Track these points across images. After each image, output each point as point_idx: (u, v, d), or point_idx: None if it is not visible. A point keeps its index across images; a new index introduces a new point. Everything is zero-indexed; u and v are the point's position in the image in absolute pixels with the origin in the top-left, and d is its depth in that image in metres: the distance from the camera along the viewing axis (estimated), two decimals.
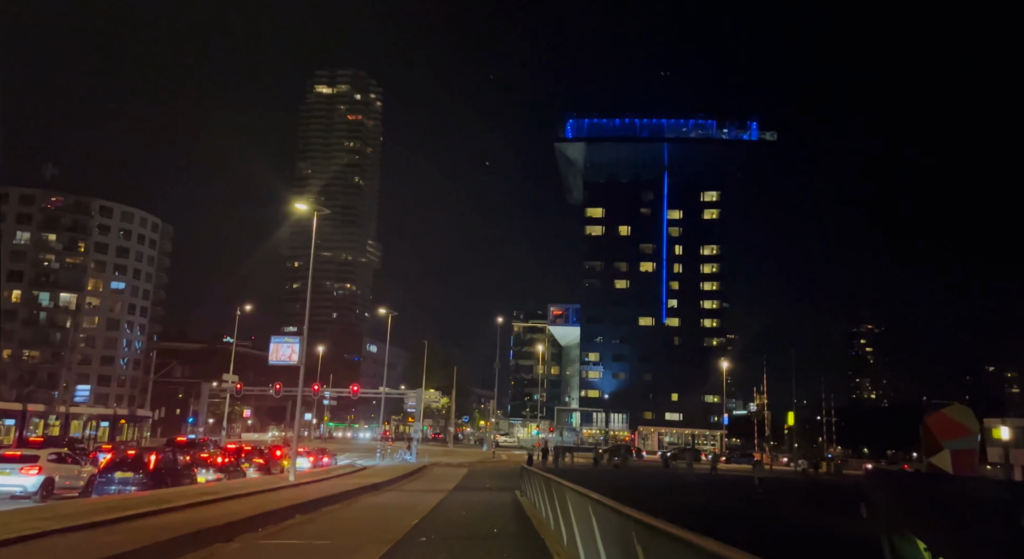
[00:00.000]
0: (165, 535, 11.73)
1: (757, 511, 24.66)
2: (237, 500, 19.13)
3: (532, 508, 19.57)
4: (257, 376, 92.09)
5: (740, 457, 73.80)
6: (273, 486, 24.14)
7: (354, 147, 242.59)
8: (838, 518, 20.49)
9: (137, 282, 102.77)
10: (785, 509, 26.52)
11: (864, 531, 14.60)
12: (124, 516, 13.74)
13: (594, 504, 6.51)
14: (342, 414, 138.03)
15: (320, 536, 14.19)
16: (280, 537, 13.82)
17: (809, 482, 48.99)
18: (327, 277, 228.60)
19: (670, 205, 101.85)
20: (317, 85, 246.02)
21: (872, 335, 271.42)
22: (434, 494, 25.73)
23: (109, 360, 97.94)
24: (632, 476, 38.34)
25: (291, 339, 32.00)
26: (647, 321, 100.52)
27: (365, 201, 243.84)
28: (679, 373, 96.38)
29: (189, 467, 23.00)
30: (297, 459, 39.75)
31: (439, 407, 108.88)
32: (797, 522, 22.09)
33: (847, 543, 16.77)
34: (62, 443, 31.63)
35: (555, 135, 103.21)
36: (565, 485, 9.18)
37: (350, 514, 18.76)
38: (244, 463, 29.77)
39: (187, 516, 14.75)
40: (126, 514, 13.96)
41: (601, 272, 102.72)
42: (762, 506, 27.33)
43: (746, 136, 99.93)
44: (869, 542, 9.02)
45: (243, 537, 13.37)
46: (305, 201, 31.33)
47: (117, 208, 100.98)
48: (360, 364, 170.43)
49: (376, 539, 13.47)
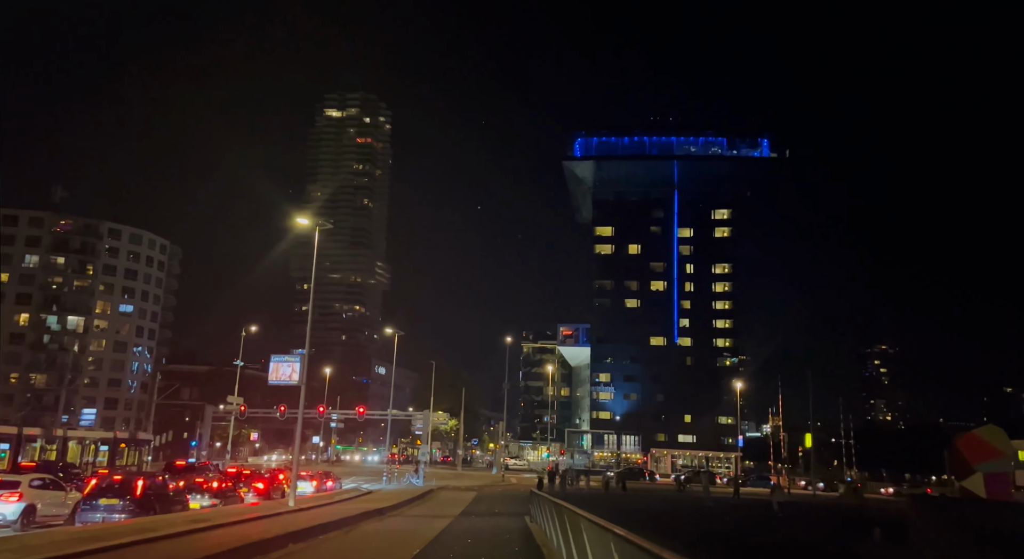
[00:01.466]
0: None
1: (780, 538, 23.18)
2: (227, 528, 17.96)
3: (543, 536, 18.28)
4: (264, 399, 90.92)
5: (756, 480, 72.00)
6: (270, 512, 22.94)
7: (363, 169, 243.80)
8: (874, 547, 19.10)
9: (145, 304, 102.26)
10: (815, 536, 24.97)
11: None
12: (96, 548, 12.61)
13: (617, 541, 5.42)
14: (350, 437, 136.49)
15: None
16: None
17: (831, 507, 47.08)
18: (336, 299, 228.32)
19: (680, 223, 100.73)
20: (327, 108, 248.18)
21: (886, 356, 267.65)
22: (439, 520, 24.44)
23: (116, 383, 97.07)
24: (647, 501, 36.78)
25: (292, 358, 30.90)
26: (658, 341, 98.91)
27: (374, 223, 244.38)
28: (692, 394, 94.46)
29: (181, 493, 21.86)
30: (299, 483, 38.56)
31: (447, 429, 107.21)
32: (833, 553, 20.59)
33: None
34: (56, 468, 30.58)
35: (564, 154, 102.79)
36: (581, 515, 8.03)
37: (347, 543, 17.54)
38: (242, 488, 28.56)
39: (166, 548, 13.62)
40: (99, 546, 12.83)
41: (611, 291, 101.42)
42: (785, 532, 25.78)
43: (757, 153, 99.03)
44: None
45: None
46: (308, 216, 30.46)
47: (126, 230, 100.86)
48: (369, 386, 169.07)
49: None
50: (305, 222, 30.25)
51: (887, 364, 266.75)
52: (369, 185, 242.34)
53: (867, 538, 24.06)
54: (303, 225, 30.43)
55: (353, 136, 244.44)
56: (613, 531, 5.40)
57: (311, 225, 30.19)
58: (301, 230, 28.93)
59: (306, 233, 29.88)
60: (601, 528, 6.14)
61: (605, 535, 5.80)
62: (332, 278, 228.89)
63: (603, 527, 5.98)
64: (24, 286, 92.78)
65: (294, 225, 30.59)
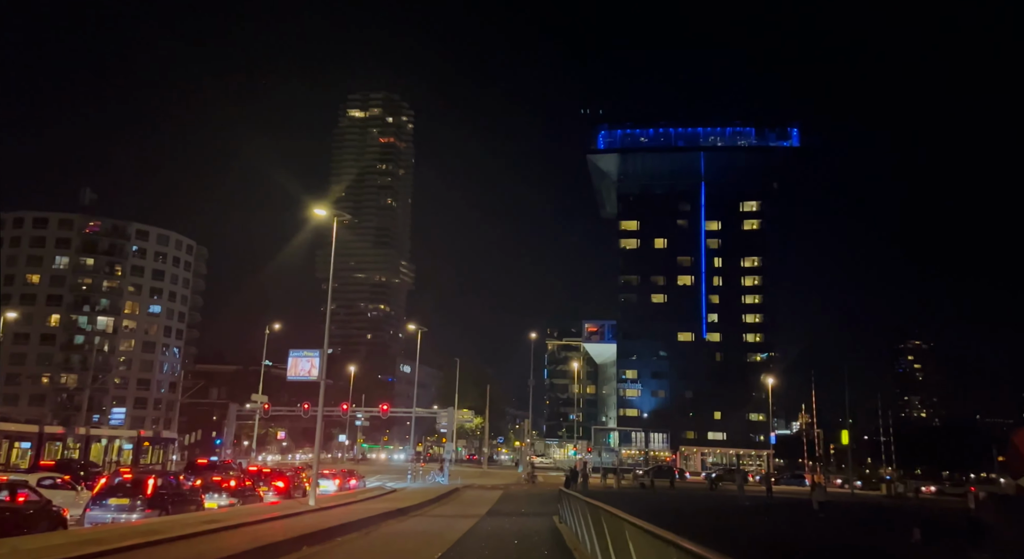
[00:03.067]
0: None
1: (827, 541, 21.69)
2: (239, 530, 17.09)
3: (573, 538, 17.11)
4: (291, 397, 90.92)
5: (790, 478, 70.10)
6: (288, 512, 22.09)
7: (386, 169, 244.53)
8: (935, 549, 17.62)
9: (173, 304, 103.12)
10: (864, 539, 23.42)
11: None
12: (94, 553, 11.75)
13: (681, 554, 4.29)
14: (376, 435, 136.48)
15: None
16: None
17: (875, 506, 45.17)
18: (361, 298, 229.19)
19: (708, 216, 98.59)
20: (350, 109, 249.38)
21: (920, 351, 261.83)
22: (464, 520, 23.42)
23: (145, 383, 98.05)
24: (679, 500, 35.39)
25: (311, 353, 30.13)
26: (686, 336, 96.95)
27: (398, 222, 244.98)
28: (721, 390, 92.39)
29: (196, 492, 21.09)
30: (321, 481, 37.85)
31: (472, 427, 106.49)
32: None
33: None
34: (77, 467, 30.19)
35: (587, 147, 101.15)
36: (625, 519, 6.86)
37: (365, 546, 16.55)
38: (262, 487, 27.82)
39: (169, 552, 12.74)
40: (98, 550, 11.98)
41: (637, 287, 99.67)
42: (831, 534, 24.24)
43: (787, 143, 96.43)
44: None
45: None
46: (325, 207, 29.63)
47: (153, 231, 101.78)
48: (394, 385, 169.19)
49: None
50: (323, 213, 29.42)
51: (921, 360, 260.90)
52: (392, 185, 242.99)
53: (908, 538, 22.66)
54: (321, 216, 29.59)
55: (376, 136, 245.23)
56: (676, 542, 4.27)
57: (329, 216, 29.36)
58: (325, 229, 28.08)
59: (330, 233, 29.11)
60: (654, 536, 5.00)
61: (661, 546, 4.68)
62: (357, 277, 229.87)
63: (658, 536, 4.84)
64: (55, 287, 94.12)
65: (312, 216, 29.76)
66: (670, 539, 4.50)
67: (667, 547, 4.63)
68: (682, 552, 4.33)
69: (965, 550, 22.44)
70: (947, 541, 23.77)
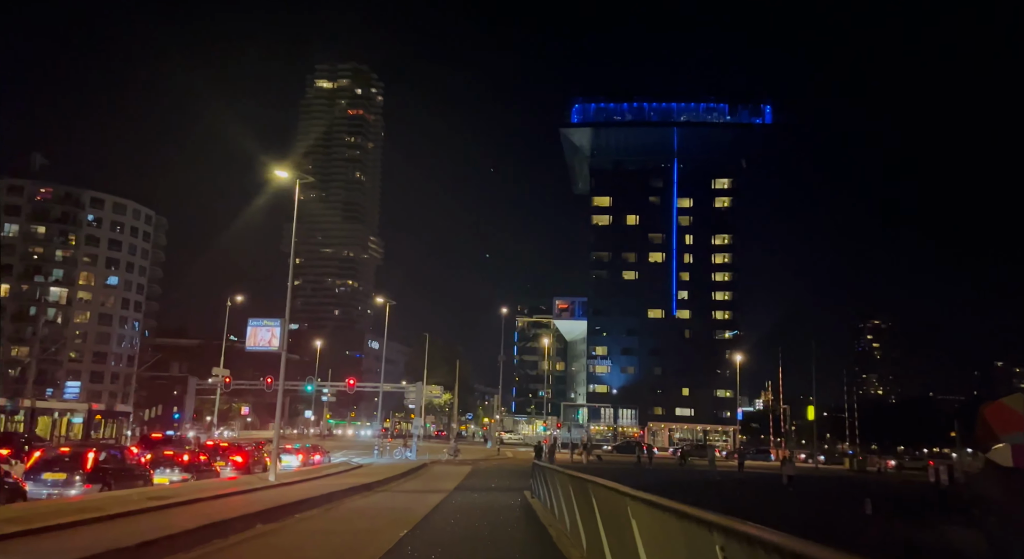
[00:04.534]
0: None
1: (806, 515, 21.24)
2: (191, 506, 15.83)
3: (547, 514, 16.22)
4: (256, 372, 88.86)
5: (756, 453, 70.91)
6: (246, 488, 20.85)
7: (355, 142, 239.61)
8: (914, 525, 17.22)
9: (131, 276, 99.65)
10: (842, 513, 23.08)
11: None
12: (19, 532, 10.44)
13: (722, 534, 3.29)
14: (343, 411, 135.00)
15: (271, 557, 10.83)
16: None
17: (843, 480, 45.58)
18: (329, 274, 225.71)
19: (680, 193, 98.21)
20: (317, 79, 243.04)
21: (879, 330, 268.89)
22: (432, 496, 22.45)
23: (102, 356, 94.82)
24: (651, 476, 34.98)
25: (271, 322, 28.60)
26: (656, 313, 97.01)
27: (366, 196, 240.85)
28: (690, 367, 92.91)
29: (143, 467, 19.70)
30: (284, 457, 36.56)
31: (441, 403, 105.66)
32: (878, 531, 18.68)
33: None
34: (20, 440, 28.44)
35: (561, 120, 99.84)
36: (627, 493, 5.81)
37: (324, 523, 15.43)
38: (219, 461, 26.48)
39: (109, 530, 11.46)
40: (24, 528, 10.67)
41: (608, 263, 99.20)
42: (807, 509, 23.87)
43: (759, 120, 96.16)
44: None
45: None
46: (286, 168, 27.98)
47: (109, 199, 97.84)
48: (362, 361, 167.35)
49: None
50: (284, 175, 27.78)
51: (879, 338, 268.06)
52: (361, 158, 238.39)
53: (859, 509, 22.88)
54: (282, 178, 27.93)
55: (344, 108, 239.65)
56: (716, 523, 3.28)
57: (291, 178, 27.76)
58: (291, 202, 26.25)
59: (296, 206, 27.55)
60: (676, 516, 3.98)
61: (688, 527, 3.70)
62: (324, 252, 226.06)
63: (688, 515, 3.82)
64: (5, 256, 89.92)
65: (273, 179, 28.08)
66: (708, 519, 3.46)
67: (700, 528, 3.59)
68: (719, 530, 3.34)
69: (936, 522, 22.33)
70: (911, 513, 23.70)
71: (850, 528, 18.33)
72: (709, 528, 3.68)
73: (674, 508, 4.10)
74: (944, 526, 21.38)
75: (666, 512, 4.36)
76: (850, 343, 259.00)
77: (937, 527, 21.15)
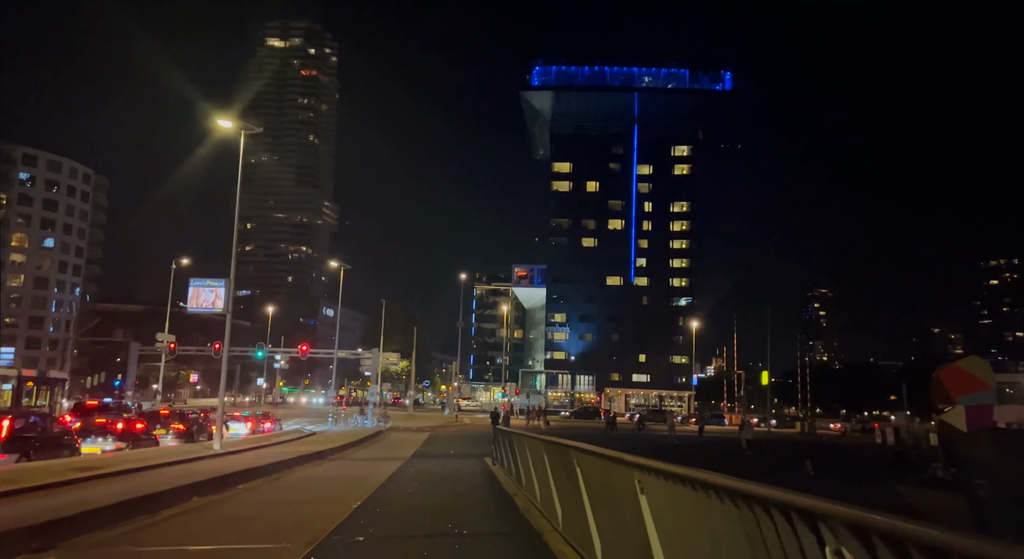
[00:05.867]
0: None
1: (773, 477, 20.93)
2: (121, 478, 14.42)
3: (512, 483, 15.31)
4: (205, 339, 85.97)
5: (711, 418, 71.86)
6: (186, 457, 19.43)
7: (309, 104, 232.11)
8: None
9: (68, 238, 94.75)
10: (805, 474, 22.96)
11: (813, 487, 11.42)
12: None
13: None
14: (297, 379, 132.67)
15: (203, 534, 9.58)
16: (141, 538, 9.19)
17: (794, 443, 46.31)
18: (282, 240, 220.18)
19: (640, 160, 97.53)
20: (268, 38, 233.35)
21: (826, 299, 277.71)
22: (388, 463, 21.39)
23: (39, 321, 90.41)
24: (616, 441, 34.64)
25: (215, 282, 26.74)
26: (615, 281, 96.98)
27: (321, 161, 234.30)
28: (647, 334, 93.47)
29: (71, 435, 18.07)
30: (232, 424, 35.03)
31: (398, 370, 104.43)
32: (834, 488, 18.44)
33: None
34: None
35: (521, 83, 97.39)
36: (636, 463, 4.76)
37: (269, 494, 14.21)
38: (160, 430, 24.85)
39: (20, 505, 10.07)
40: None
41: (568, 230, 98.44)
42: (775, 471, 23.70)
43: (720, 86, 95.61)
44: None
45: (77, 542, 8.74)
46: (231, 118, 25.93)
47: (43, 156, 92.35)
48: (317, 328, 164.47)
49: (289, 537, 9.02)
50: (228, 124, 25.73)
51: (826, 307, 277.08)
52: (315, 121, 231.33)
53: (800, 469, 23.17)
54: (227, 128, 25.87)
55: (297, 68, 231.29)
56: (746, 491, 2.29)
57: (236, 128, 25.74)
58: (243, 165, 24.22)
59: (248, 170, 25.53)
60: (707, 488, 3.00)
61: (700, 498, 2.74)
62: (277, 217, 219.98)
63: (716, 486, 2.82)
64: None
65: (216, 128, 26.00)
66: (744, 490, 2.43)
67: (749, 508, 2.52)
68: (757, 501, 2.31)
69: (892, 481, 22.47)
70: (865, 473, 23.81)
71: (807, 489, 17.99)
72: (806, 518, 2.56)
73: (726, 486, 3.02)
74: (902, 486, 21.52)
75: (707, 490, 3.28)
76: (798, 311, 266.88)
77: (893, 486, 21.27)
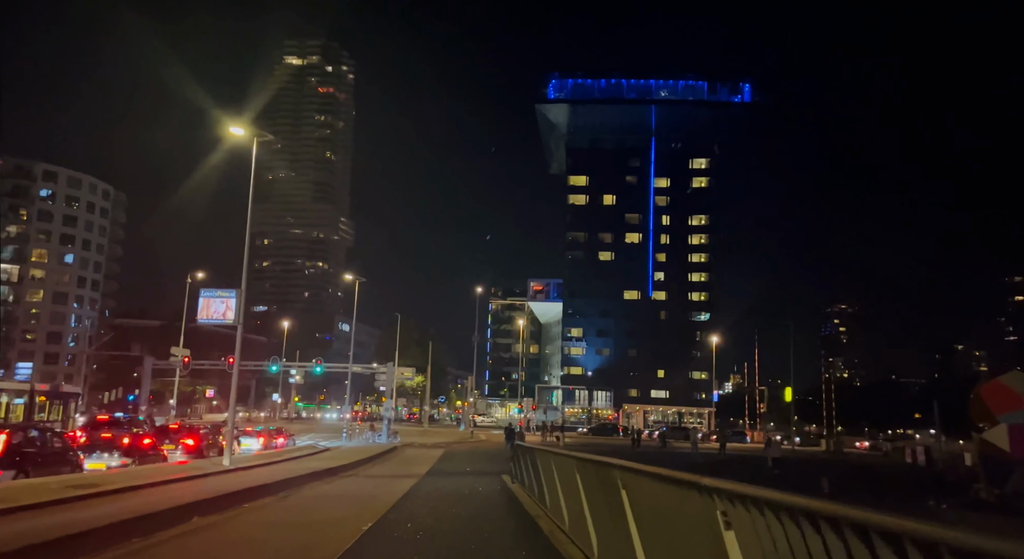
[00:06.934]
0: None
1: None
2: (118, 496, 13.65)
3: (533, 503, 14.36)
4: (221, 354, 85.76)
5: (733, 435, 70.28)
6: (194, 474, 18.67)
7: (325, 121, 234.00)
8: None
9: (87, 253, 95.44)
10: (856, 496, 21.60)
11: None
12: None
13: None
14: (312, 394, 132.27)
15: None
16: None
17: (821, 462, 44.75)
18: (298, 255, 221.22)
19: (657, 173, 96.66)
20: (286, 56, 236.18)
21: (845, 314, 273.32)
22: (402, 481, 20.51)
23: (56, 337, 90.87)
24: (635, 458, 33.49)
25: (226, 293, 26.20)
26: (632, 295, 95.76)
27: (337, 177, 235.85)
28: (665, 349, 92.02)
29: (73, 450, 17.41)
30: (244, 440, 34.31)
31: (413, 386, 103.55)
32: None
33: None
34: None
35: (537, 96, 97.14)
36: (717, 488, 3.89)
37: (276, 514, 13.37)
38: (168, 445, 24.18)
39: (10, 525, 9.32)
40: None
41: (584, 244, 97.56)
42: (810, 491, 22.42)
43: (739, 99, 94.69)
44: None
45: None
46: (243, 125, 25.46)
47: (63, 173, 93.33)
48: (332, 343, 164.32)
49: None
50: (240, 132, 25.24)
51: (846, 322, 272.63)
52: (332, 137, 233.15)
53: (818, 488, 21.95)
54: (238, 136, 25.39)
55: (314, 85, 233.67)
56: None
57: (248, 136, 25.25)
58: (260, 182, 23.80)
59: (266, 187, 25.12)
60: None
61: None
62: (294, 233, 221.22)
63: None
64: None
65: (228, 136, 25.52)
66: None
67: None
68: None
69: (929, 503, 21.18)
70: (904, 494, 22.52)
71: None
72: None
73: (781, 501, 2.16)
74: (943, 509, 20.26)
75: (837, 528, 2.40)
76: (818, 327, 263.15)
77: (936, 509, 20.03)
